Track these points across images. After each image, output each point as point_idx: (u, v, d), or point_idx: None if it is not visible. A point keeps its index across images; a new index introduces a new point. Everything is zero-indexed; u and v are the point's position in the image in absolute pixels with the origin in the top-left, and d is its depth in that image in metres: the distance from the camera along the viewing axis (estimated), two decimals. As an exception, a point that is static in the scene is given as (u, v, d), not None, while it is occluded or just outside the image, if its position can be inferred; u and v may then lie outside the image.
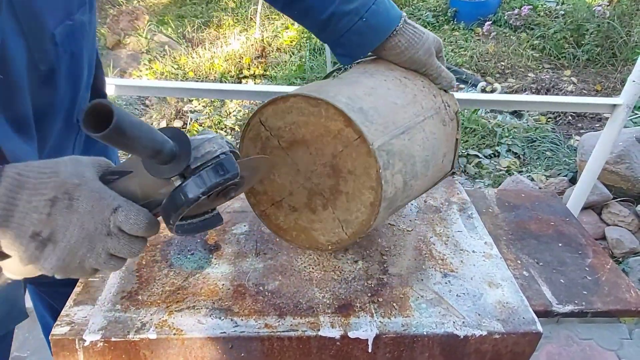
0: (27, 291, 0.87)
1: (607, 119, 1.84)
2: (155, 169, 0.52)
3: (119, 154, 1.18)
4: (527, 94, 4.15)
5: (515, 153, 3.32)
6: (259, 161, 0.63)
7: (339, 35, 0.82)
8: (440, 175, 0.87)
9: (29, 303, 1.00)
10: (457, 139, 0.88)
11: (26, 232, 0.50)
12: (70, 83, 0.71)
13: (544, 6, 5.57)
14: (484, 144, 3.39)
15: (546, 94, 4.21)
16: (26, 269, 0.55)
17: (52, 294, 0.98)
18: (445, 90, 0.87)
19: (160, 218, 0.57)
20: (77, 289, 0.80)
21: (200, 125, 3.55)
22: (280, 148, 0.76)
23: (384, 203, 0.71)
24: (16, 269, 0.56)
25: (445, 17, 5.84)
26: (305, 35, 4.95)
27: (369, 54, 0.87)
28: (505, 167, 3.14)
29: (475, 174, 3.08)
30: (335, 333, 0.75)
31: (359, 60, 0.88)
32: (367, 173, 0.70)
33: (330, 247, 0.77)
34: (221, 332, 0.73)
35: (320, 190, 0.75)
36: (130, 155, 0.56)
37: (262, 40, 4.85)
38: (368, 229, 0.73)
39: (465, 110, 3.58)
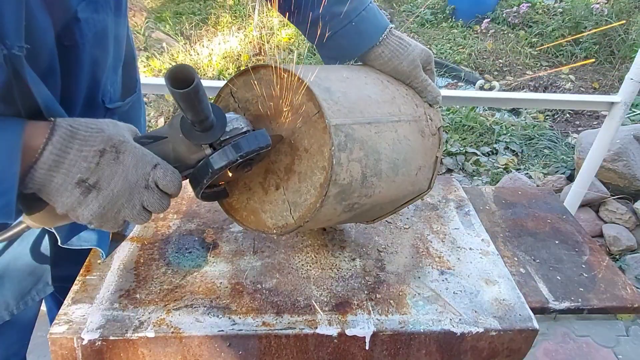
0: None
1: (604, 116, 1.85)
2: (193, 134, 0.61)
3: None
4: (525, 92, 4.15)
5: (513, 151, 3.33)
6: (273, 139, 0.68)
7: (327, 37, 0.82)
8: (413, 190, 0.83)
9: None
10: (437, 157, 0.85)
11: (73, 178, 0.55)
12: (94, 61, 0.72)
13: (542, 4, 5.58)
14: (482, 141, 3.39)
15: (544, 91, 4.21)
16: (53, 217, 0.61)
17: (62, 290, 1.00)
18: (430, 105, 0.86)
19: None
20: (75, 287, 0.80)
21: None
22: None
23: (334, 188, 0.67)
24: (42, 217, 0.61)
25: (444, 15, 5.85)
26: (304, 33, 4.92)
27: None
28: (503, 165, 3.15)
29: (473, 171, 3.09)
30: (333, 331, 0.75)
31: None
32: (321, 151, 0.67)
33: (275, 231, 0.74)
34: (219, 330, 0.74)
35: (276, 169, 0.73)
36: (163, 125, 0.65)
37: (260, 37, 4.84)
38: (314, 213, 0.69)
39: (463, 108, 3.58)
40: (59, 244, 0.79)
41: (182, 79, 0.51)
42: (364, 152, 0.70)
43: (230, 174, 0.68)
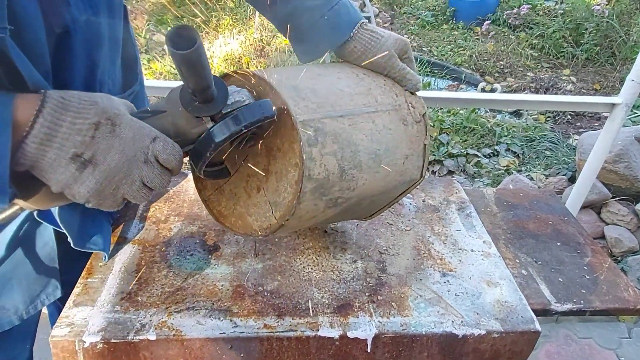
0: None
1: (606, 118, 1.85)
2: (193, 106, 0.58)
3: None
4: (526, 93, 4.15)
5: (515, 152, 3.33)
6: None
7: (299, 31, 0.83)
8: (403, 179, 0.83)
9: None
10: (425, 145, 0.85)
11: (67, 153, 0.53)
12: (87, 51, 0.71)
13: (543, 5, 5.58)
14: (483, 143, 3.39)
15: (545, 93, 4.21)
16: (48, 198, 0.57)
17: (65, 295, 1.00)
18: (411, 93, 0.86)
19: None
20: (76, 290, 0.80)
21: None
22: None
23: (309, 183, 0.67)
24: (37, 198, 0.57)
25: (444, 17, 5.85)
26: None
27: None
28: (504, 167, 3.14)
29: (475, 173, 3.09)
30: (334, 333, 0.75)
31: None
32: (292, 148, 0.68)
33: (260, 233, 0.74)
34: (220, 333, 0.74)
35: (256, 172, 0.74)
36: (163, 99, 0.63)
37: (261, 40, 4.84)
38: (294, 211, 0.69)
39: (464, 110, 3.58)
40: (72, 245, 0.79)
41: (183, 41, 0.49)
42: (338, 145, 0.70)
43: (233, 150, 0.66)
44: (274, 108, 0.62)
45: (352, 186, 0.74)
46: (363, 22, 0.83)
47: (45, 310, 1.15)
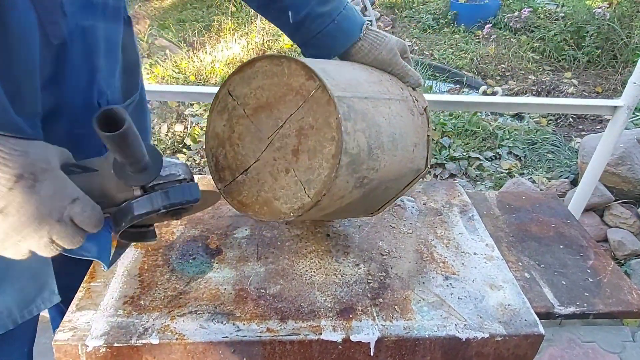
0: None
1: (608, 120, 1.85)
2: (125, 175, 0.58)
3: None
4: (527, 96, 4.15)
5: (517, 155, 3.32)
6: (209, 194, 0.71)
7: (311, 36, 0.86)
8: (412, 167, 0.86)
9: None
10: (428, 136, 0.89)
11: None
12: (85, 61, 0.71)
13: (544, 8, 5.59)
14: (485, 146, 3.39)
15: (547, 96, 4.21)
16: None
17: (66, 300, 1.00)
18: (413, 88, 0.91)
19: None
20: (79, 294, 0.81)
21: (202, 129, 3.56)
22: (246, 116, 0.77)
23: (345, 157, 0.69)
24: None
25: (446, 20, 5.86)
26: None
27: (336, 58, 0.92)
28: (506, 170, 3.14)
29: (477, 176, 3.08)
30: (337, 337, 0.75)
31: None
32: (328, 123, 0.69)
33: (292, 215, 0.74)
34: (223, 337, 0.74)
35: (283, 154, 0.74)
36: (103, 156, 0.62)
37: (263, 44, 4.86)
38: (330, 185, 0.69)
39: (466, 113, 3.58)
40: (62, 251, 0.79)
41: (113, 121, 0.49)
42: (366, 124, 0.73)
43: (157, 218, 0.66)
44: (199, 192, 0.62)
45: (376, 166, 0.76)
46: (367, 24, 0.88)
47: (47, 315, 1.15)
